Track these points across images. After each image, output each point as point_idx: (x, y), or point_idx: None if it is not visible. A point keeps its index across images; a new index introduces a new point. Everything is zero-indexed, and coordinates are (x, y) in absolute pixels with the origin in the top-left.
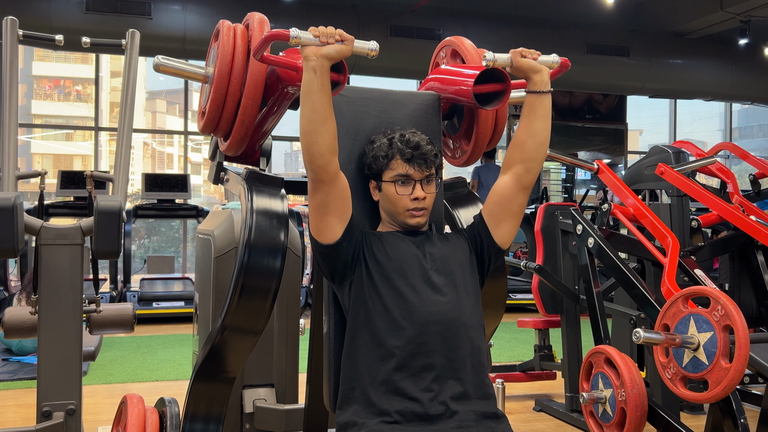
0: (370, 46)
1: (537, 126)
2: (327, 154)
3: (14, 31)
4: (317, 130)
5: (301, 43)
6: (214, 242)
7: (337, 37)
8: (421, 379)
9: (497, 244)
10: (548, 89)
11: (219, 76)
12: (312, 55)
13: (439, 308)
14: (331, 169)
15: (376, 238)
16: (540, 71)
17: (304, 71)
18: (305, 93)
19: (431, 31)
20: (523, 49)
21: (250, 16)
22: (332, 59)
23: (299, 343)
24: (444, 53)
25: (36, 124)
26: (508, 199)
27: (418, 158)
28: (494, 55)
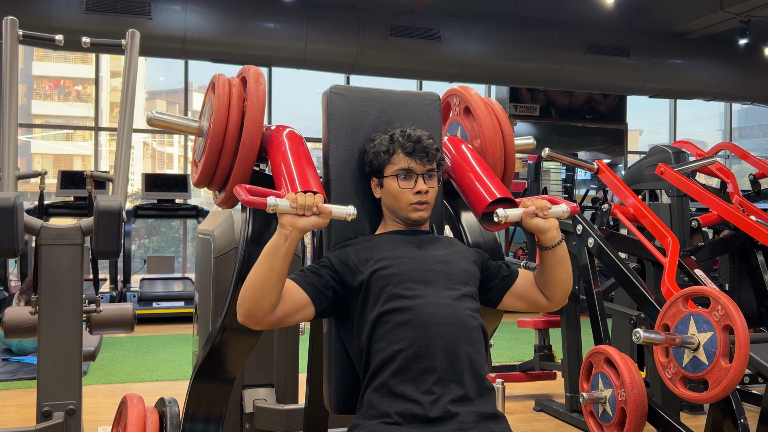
0: (348, 211)
1: (555, 273)
2: (271, 310)
3: (14, 31)
4: (270, 288)
5: (278, 211)
6: (214, 242)
7: (314, 209)
8: (423, 382)
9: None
10: (558, 242)
11: (212, 143)
12: (287, 225)
13: (440, 310)
14: (269, 320)
15: (367, 247)
16: (548, 231)
17: (276, 235)
18: (269, 254)
19: (431, 31)
20: (535, 206)
21: (245, 69)
22: (306, 231)
23: (299, 343)
24: (457, 101)
25: (36, 124)
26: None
27: (420, 152)
28: (506, 213)
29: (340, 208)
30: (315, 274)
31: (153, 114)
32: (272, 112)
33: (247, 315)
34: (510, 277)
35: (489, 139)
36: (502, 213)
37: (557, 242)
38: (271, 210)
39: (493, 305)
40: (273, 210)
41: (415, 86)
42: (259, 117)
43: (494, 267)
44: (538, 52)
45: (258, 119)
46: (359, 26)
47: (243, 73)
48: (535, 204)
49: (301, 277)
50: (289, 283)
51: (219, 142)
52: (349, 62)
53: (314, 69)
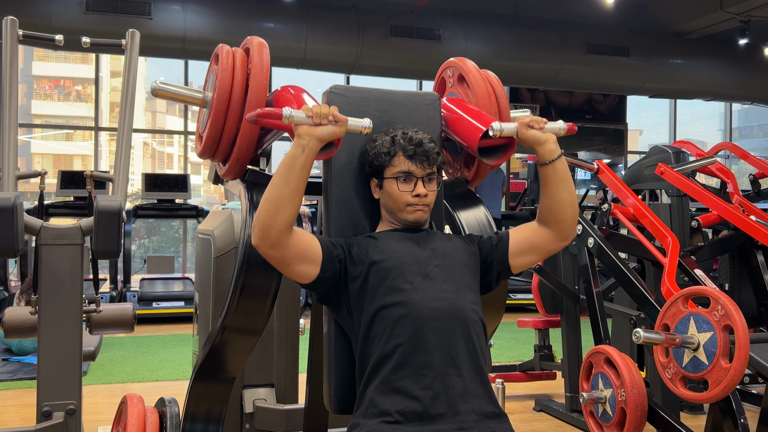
0: (364, 123)
1: (557, 192)
2: (284, 229)
3: (14, 31)
4: (285, 204)
5: (293, 122)
6: (214, 242)
7: (330, 117)
8: (422, 376)
9: (509, 266)
10: (557, 156)
11: (217, 106)
12: (305, 135)
13: (438, 304)
14: (282, 241)
15: (371, 243)
16: (546, 142)
17: (294, 146)
18: (286, 166)
19: (431, 31)
20: (531, 118)
21: (249, 40)
22: (324, 141)
23: (299, 343)
24: (450, 72)
25: (36, 124)
26: (543, 244)
27: (421, 155)
28: (501, 126)
29: (356, 119)
30: (331, 243)
31: (157, 84)
32: None
33: (261, 233)
34: (502, 241)
35: (482, 100)
36: (497, 126)
37: (557, 156)
38: (287, 121)
39: (506, 274)
40: (289, 120)
41: (415, 86)
42: (264, 75)
43: (486, 242)
44: (538, 52)
45: (263, 77)
46: (359, 26)
47: (246, 44)
48: (530, 117)
49: (321, 239)
50: (311, 236)
51: (224, 105)
52: (349, 62)
53: (314, 69)
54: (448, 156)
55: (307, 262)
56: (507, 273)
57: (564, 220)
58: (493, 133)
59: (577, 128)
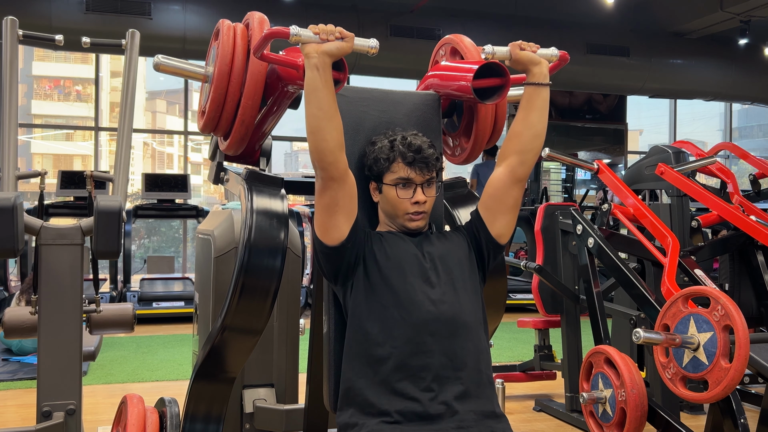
0: (370, 43)
1: (534, 118)
2: (336, 151)
3: (14, 31)
4: (324, 127)
5: (301, 41)
6: (214, 242)
7: (337, 34)
8: (421, 379)
9: (495, 239)
10: (547, 82)
11: (219, 76)
12: (313, 53)
13: (437, 307)
14: (341, 165)
15: (377, 238)
16: (539, 63)
17: (307, 69)
18: (310, 90)
19: (431, 31)
20: (522, 42)
21: (249, 15)
22: (333, 56)
23: (299, 343)
24: (443, 51)
25: (36, 124)
26: (503, 192)
27: (420, 162)
28: (493, 49)
29: (364, 39)
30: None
31: (159, 59)
32: None
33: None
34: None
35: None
36: (489, 49)
37: (546, 82)
38: (294, 39)
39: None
40: (296, 39)
41: (415, 86)
42: None
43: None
44: None
45: None
46: (359, 26)
47: (247, 19)
48: (522, 41)
49: None
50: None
51: (225, 77)
52: (349, 62)
53: None
54: (445, 137)
55: (347, 213)
56: (497, 247)
57: (529, 150)
58: (486, 56)
59: (569, 57)
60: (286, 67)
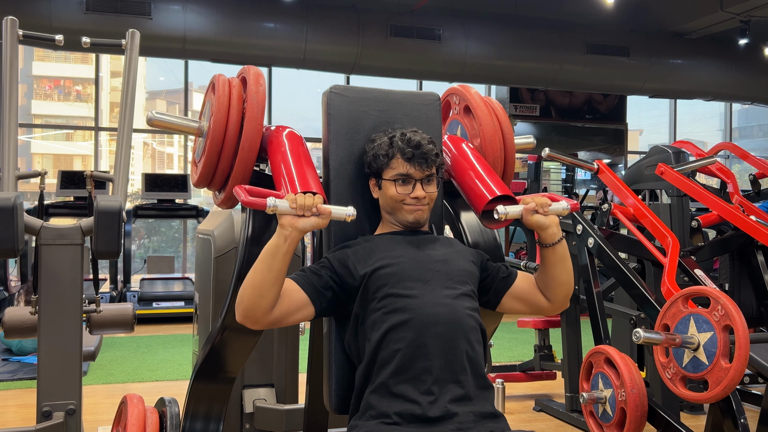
0: (348, 212)
1: (555, 272)
2: (269, 310)
3: (14, 31)
4: (268, 288)
5: (277, 212)
6: (214, 242)
7: (314, 209)
8: (421, 382)
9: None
10: (558, 240)
11: (213, 139)
12: (288, 225)
13: (438, 310)
14: (265, 320)
15: (366, 248)
16: (548, 227)
17: (276, 235)
18: (269, 254)
19: (431, 31)
20: (535, 202)
21: (246, 70)
22: (306, 232)
23: (299, 343)
24: (457, 100)
25: (36, 124)
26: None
27: (419, 157)
28: (506, 209)
29: (340, 209)
30: (315, 274)
31: (153, 114)
32: (272, 112)
33: (245, 315)
34: (509, 278)
35: (489, 137)
36: (502, 210)
37: (558, 239)
38: (271, 211)
39: (492, 307)
40: (272, 211)
41: (415, 86)
42: (258, 119)
43: (493, 268)
44: (538, 52)
45: (258, 121)
46: (359, 26)
47: (243, 73)
48: (535, 201)
49: (301, 277)
50: (289, 283)
51: (219, 143)
52: (349, 62)
53: (314, 69)
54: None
55: (296, 312)
56: (493, 307)
57: (558, 296)
58: (498, 217)
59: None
60: None
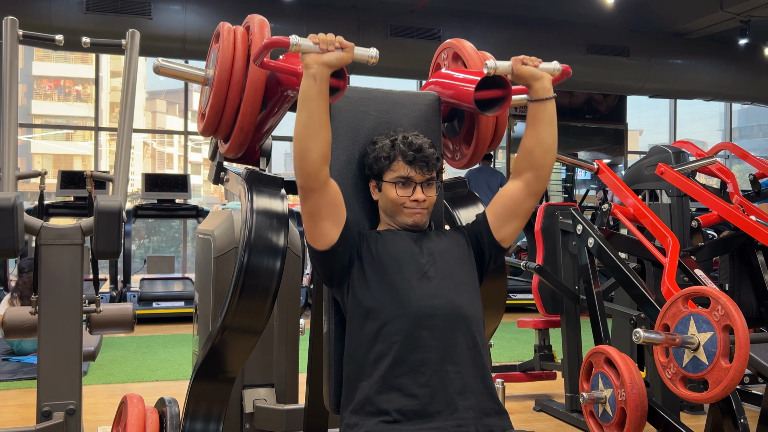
0: (371, 53)
1: (543, 133)
2: (319, 162)
3: (14, 31)
4: (312, 136)
5: (301, 50)
6: (214, 242)
7: (337, 44)
8: (419, 374)
9: (498, 243)
10: (550, 96)
11: (218, 81)
12: (312, 63)
13: (435, 302)
14: (322, 177)
15: (374, 237)
16: (541, 78)
17: (304, 77)
18: (303, 99)
19: (431, 31)
20: (525, 56)
21: (250, 18)
22: (332, 67)
23: (299, 343)
24: (445, 55)
25: (36, 124)
26: (517, 203)
27: (420, 161)
28: (495, 63)
29: (363, 48)
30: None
31: (160, 62)
32: None
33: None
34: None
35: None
36: (491, 63)
37: (550, 96)
38: (294, 49)
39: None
40: (296, 48)
41: (415, 86)
42: None
43: (472, 229)
44: (538, 52)
45: None
46: (359, 26)
47: (247, 21)
48: (524, 56)
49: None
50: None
51: (225, 82)
52: (348, 63)
53: None
54: (446, 141)
55: (333, 219)
56: (499, 250)
57: (543, 165)
58: (488, 71)
59: (571, 71)
60: (286, 74)
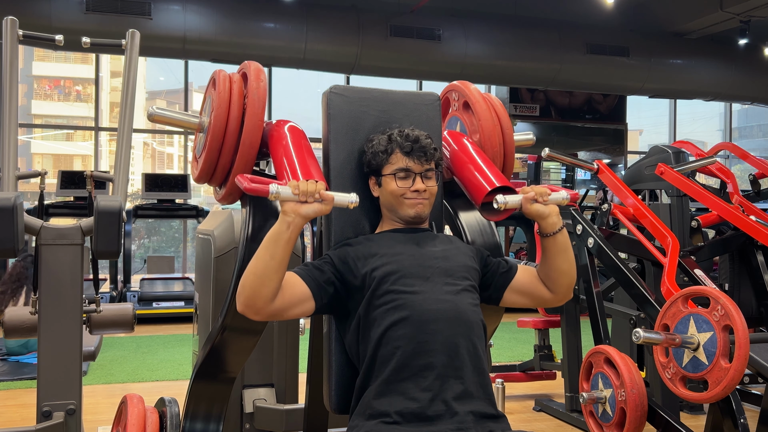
0: (350, 198)
1: (557, 262)
2: (270, 300)
3: (14, 31)
4: (270, 276)
5: (280, 199)
6: (214, 242)
7: (316, 196)
8: (423, 378)
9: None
10: (558, 229)
11: (213, 135)
12: (290, 212)
13: (438, 306)
14: (267, 310)
15: (366, 247)
16: (549, 216)
17: (278, 222)
18: (271, 241)
19: (431, 31)
20: (535, 192)
21: (246, 65)
22: (309, 218)
23: (299, 343)
24: (456, 96)
25: (36, 124)
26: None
27: (418, 151)
28: (505, 199)
29: (343, 195)
30: (317, 269)
31: (154, 110)
32: (272, 112)
33: (246, 304)
34: (509, 272)
35: (488, 133)
36: (501, 199)
37: (558, 229)
38: (273, 197)
39: (495, 302)
40: (275, 197)
41: (415, 86)
42: (259, 114)
43: (493, 264)
44: (538, 52)
45: (259, 116)
46: (359, 26)
47: (243, 69)
48: (535, 190)
49: (303, 271)
50: (292, 276)
51: (219, 139)
52: (349, 62)
53: (314, 69)
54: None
55: (297, 305)
56: (495, 302)
57: (561, 286)
58: (498, 206)
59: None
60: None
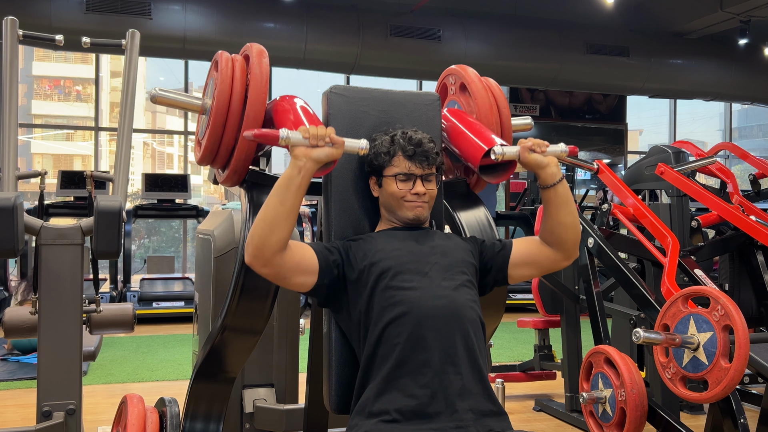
0: (360, 144)
1: (560, 214)
2: (278, 249)
3: (14, 31)
4: (280, 223)
5: (290, 144)
6: (214, 242)
7: (327, 139)
8: (421, 375)
9: (507, 275)
10: (558, 180)
11: (216, 116)
12: (301, 156)
13: (436, 302)
14: (275, 261)
15: (365, 243)
16: (547, 166)
17: (289, 167)
18: (282, 186)
19: (431, 31)
20: (533, 141)
21: (248, 47)
22: (321, 162)
23: (299, 343)
24: (453, 80)
25: (36, 124)
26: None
27: (420, 155)
28: (503, 149)
29: (353, 141)
30: (327, 249)
31: (156, 91)
32: None
33: (254, 254)
34: (504, 249)
35: (484, 111)
36: (498, 150)
37: (558, 179)
38: (284, 142)
39: (502, 282)
40: (286, 142)
41: (415, 86)
42: (263, 88)
43: (489, 248)
44: (538, 52)
45: (262, 90)
46: (359, 26)
47: (246, 50)
48: (532, 141)
49: (315, 246)
50: (305, 246)
51: (223, 115)
52: (349, 62)
53: (314, 69)
54: (448, 162)
55: (303, 273)
56: (503, 281)
57: (566, 241)
58: (495, 157)
59: (578, 150)
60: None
